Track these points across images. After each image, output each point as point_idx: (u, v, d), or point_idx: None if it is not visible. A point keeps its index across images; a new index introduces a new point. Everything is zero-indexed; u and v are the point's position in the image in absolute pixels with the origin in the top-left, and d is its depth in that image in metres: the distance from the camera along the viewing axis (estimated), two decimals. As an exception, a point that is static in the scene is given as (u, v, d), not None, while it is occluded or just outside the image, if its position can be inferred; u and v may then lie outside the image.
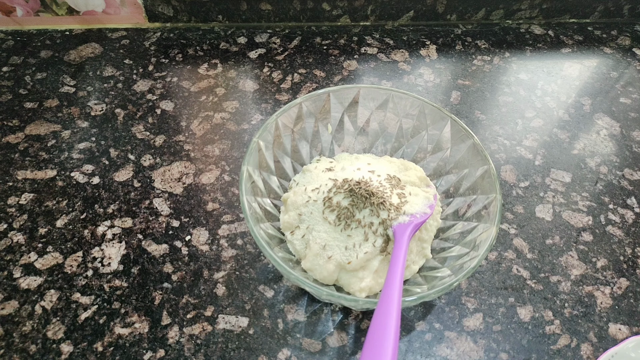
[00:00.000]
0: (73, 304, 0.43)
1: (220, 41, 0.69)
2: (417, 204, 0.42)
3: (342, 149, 0.52)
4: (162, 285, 0.44)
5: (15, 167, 0.53)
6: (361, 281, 0.40)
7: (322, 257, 0.40)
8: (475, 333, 0.43)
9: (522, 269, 0.47)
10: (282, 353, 0.41)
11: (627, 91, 0.66)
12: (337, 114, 0.49)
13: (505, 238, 0.50)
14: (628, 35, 0.75)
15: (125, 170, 0.53)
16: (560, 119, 0.62)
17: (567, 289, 0.46)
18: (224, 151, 0.55)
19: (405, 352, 0.41)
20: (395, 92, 0.48)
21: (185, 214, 0.49)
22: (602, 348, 0.42)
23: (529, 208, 0.52)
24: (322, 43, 0.70)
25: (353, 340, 0.42)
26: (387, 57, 0.68)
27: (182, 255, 0.46)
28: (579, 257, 0.49)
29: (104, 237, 0.47)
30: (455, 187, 0.47)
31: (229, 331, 0.42)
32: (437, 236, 0.45)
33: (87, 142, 0.55)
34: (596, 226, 0.51)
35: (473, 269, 0.36)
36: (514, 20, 0.76)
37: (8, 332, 0.41)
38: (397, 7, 0.72)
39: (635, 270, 0.48)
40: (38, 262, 0.45)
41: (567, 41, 0.73)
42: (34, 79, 0.62)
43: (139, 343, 0.41)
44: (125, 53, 0.66)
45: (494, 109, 0.62)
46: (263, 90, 0.62)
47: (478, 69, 0.68)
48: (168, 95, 0.61)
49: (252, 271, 0.46)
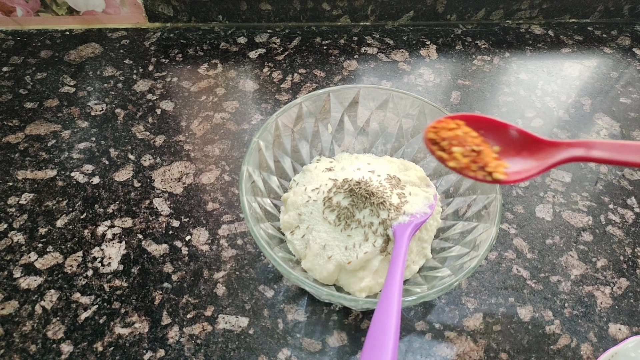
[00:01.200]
0: (73, 304, 0.43)
1: (220, 41, 0.69)
2: (417, 203, 0.42)
3: (342, 149, 0.52)
4: (162, 285, 0.44)
5: (15, 167, 0.53)
6: (361, 281, 0.40)
7: (322, 257, 0.40)
8: (475, 333, 0.43)
9: (522, 268, 0.47)
10: (282, 353, 0.41)
11: (627, 91, 0.66)
12: (337, 114, 0.49)
13: (505, 238, 0.50)
14: (628, 35, 0.75)
15: (125, 170, 0.53)
16: (560, 119, 0.62)
17: (567, 289, 0.46)
18: (224, 151, 0.55)
19: (405, 352, 0.41)
20: (395, 92, 0.48)
21: (185, 214, 0.49)
22: (602, 348, 0.42)
23: (529, 208, 0.52)
24: (322, 43, 0.70)
25: (353, 340, 0.42)
26: (387, 57, 0.68)
27: (182, 255, 0.46)
28: (579, 257, 0.49)
29: (104, 237, 0.47)
30: (455, 187, 0.47)
31: (229, 331, 0.42)
32: (437, 236, 0.45)
33: (87, 142, 0.55)
34: (596, 226, 0.51)
35: (473, 269, 0.36)
36: (514, 20, 0.76)
37: (8, 332, 0.41)
38: (397, 7, 0.72)
39: (635, 270, 0.48)
40: (38, 262, 0.45)
41: (567, 41, 0.73)
42: (34, 79, 0.62)
43: (139, 343, 0.41)
44: (126, 53, 0.66)
45: (494, 109, 0.62)
46: (263, 90, 0.62)
47: (478, 69, 0.68)
48: (168, 95, 0.61)
49: (252, 271, 0.46)
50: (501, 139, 0.30)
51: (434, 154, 0.31)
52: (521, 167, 0.29)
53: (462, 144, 0.29)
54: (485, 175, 0.29)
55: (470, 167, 0.29)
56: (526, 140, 0.29)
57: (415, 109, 0.48)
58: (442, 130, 0.30)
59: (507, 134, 0.30)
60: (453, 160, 0.30)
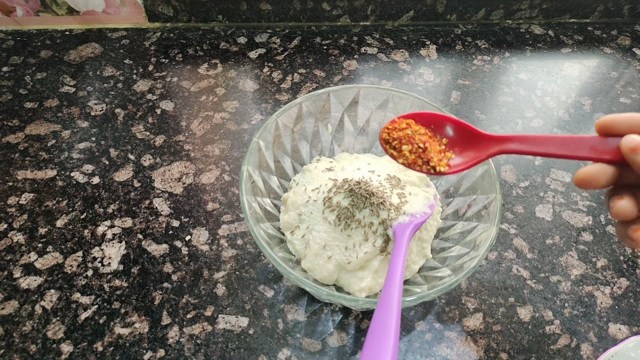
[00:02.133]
0: (73, 304, 0.43)
1: (220, 41, 0.69)
2: (417, 203, 0.42)
3: (342, 149, 0.52)
4: (162, 285, 0.44)
5: (15, 167, 0.53)
6: (361, 281, 0.40)
7: (322, 257, 0.40)
8: (475, 333, 0.43)
9: (522, 268, 0.47)
10: (282, 353, 0.41)
11: (627, 91, 0.66)
12: (337, 113, 0.49)
13: (505, 238, 0.50)
14: (628, 35, 0.75)
15: (125, 170, 0.53)
16: (560, 119, 0.62)
17: (567, 289, 0.46)
18: (224, 151, 0.55)
19: (405, 352, 0.41)
20: (395, 92, 0.48)
21: (185, 214, 0.49)
22: (602, 348, 0.42)
23: (529, 208, 0.52)
24: (322, 43, 0.70)
25: (353, 340, 0.42)
26: (387, 57, 0.68)
27: (182, 255, 0.46)
28: (579, 257, 0.49)
29: (104, 237, 0.47)
30: (455, 187, 0.47)
31: (229, 331, 0.42)
32: (437, 236, 0.45)
33: (87, 142, 0.55)
34: (596, 226, 0.51)
35: (473, 269, 0.36)
36: (514, 20, 0.76)
37: (8, 332, 0.41)
38: (397, 7, 0.72)
39: (635, 270, 0.48)
40: (38, 262, 0.45)
41: (567, 41, 0.73)
42: (34, 79, 0.62)
43: (139, 343, 0.41)
44: (125, 53, 0.66)
45: (494, 109, 0.62)
46: (263, 90, 0.62)
47: (478, 69, 0.68)
48: (168, 95, 0.61)
49: (252, 271, 0.46)
50: (448, 133, 0.34)
51: (387, 152, 0.34)
52: (464, 158, 0.33)
53: (410, 142, 0.33)
54: (430, 169, 0.32)
55: (417, 162, 0.33)
56: (469, 134, 0.33)
57: (415, 109, 0.48)
58: (393, 130, 0.34)
59: (453, 128, 0.33)
60: (402, 157, 0.33)
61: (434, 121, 0.34)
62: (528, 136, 0.29)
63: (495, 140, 0.31)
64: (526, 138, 0.30)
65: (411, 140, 0.33)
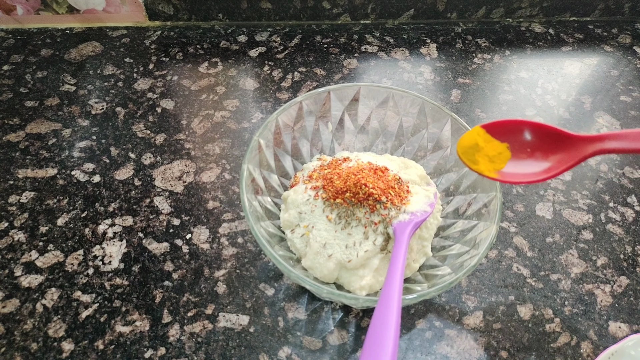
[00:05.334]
0: (74, 302, 0.43)
1: (221, 39, 0.69)
2: (418, 202, 0.42)
3: (343, 148, 0.52)
4: (162, 284, 0.44)
5: (16, 165, 0.53)
6: (361, 279, 0.40)
7: (323, 256, 0.40)
8: (475, 331, 0.43)
9: (522, 267, 0.47)
10: (282, 351, 0.41)
11: (627, 89, 0.66)
12: (338, 112, 0.49)
13: (505, 236, 0.50)
14: (628, 33, 0.75)
15: (126, 169, 0.53)
16: (561, 117, 0.62)
17: (567, 287, 0.46)
18: (225, 149, 0.55)
19: (405, 350, 0.41)
20: (395, 91, 0.48)
21: (185, 213, 0.49)
22: (602, 346, 0.43)
23: (529, 206, 0.52)
24: (322, 41, 0.70)
25: (353, 338, 0.42)
26: (388, 56, 0.68)
27: (182, 253, 0.46)
28: (579, 255, 0.49)
29: (105, 236, 0.47)
30: (456, 186, 0.47)
31: (230, 329, 0.42)
32: (438, 234, 0.46)
33: (88, 141, 0.55)
34: (596, 224, 0.51)
35: (473, 267, 0.36)
36: (514, 18, 0.76)
37: (9, 331, 0.41)
38: (397, 6, 0.72)
39: (635, 269, 0.48)
40: (39, 260, 0.45)
41: (567, 39, 0.73)
42: (35, 78, 0.62)
43: (140, 341, 0.41)
44: (126, 51, 0.66)
45: (495, 107, 0.62)
46: (263, 89, 0.62)
47: (478, 67, 0.67)
48: (168, 94, 0.61)
49: (252, 269, 0.46)
50: (526, 138, 0.33)
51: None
52: (550, 163, 0.32)
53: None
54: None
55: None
56: (555, 136, 0.31)
57: (416, 108, 0.48)
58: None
59: (534, 132, 0.33)
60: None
61: (511, 128, 0.33)
62: (625, 132, 0.27)
63: (589, 140, 0.29)
64: (625, 135, 0.27)
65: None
